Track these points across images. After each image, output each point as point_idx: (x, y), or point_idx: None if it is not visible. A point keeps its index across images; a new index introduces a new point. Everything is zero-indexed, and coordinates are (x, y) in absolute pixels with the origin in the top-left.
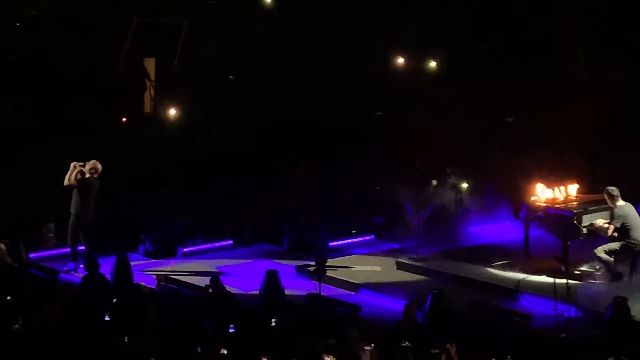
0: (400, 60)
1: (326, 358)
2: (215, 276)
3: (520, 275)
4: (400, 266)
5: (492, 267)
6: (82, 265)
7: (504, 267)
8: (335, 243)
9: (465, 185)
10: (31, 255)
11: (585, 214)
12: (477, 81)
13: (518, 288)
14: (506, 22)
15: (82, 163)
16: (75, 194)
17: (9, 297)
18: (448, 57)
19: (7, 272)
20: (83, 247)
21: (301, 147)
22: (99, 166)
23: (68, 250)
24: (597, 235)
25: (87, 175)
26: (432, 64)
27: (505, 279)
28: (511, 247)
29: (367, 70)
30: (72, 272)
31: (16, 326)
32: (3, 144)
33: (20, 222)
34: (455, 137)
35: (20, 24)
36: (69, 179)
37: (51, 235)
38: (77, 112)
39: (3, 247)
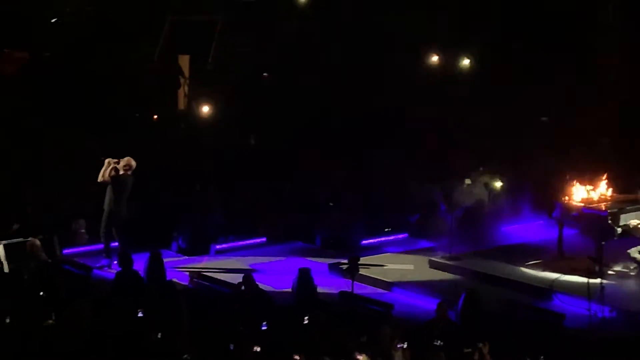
0: (435, 58)
1: (358, 356)
2: (248, 274)
3: (554, 275)
4: (433, 265)
5: (526, 266)
6: (115, 262)
7: (537, 267)
8: (368, 241)
9: (498, 184)
10: (65, 251)
11: (622, 213)
12: (511, 80)
13: (551, 288)
14: (541, 21)
15: (117, 160)
16: (109, 191)
17: (42, 293)
18: (482, 55)
19: (41, 268)
20: (116, 244)
21: (335, 145)
22: (133, 163)
23: (101, 246)
24: (630, 236)
25: (121, 172)
26: (466, 62)
27: (538, 279)
28: (544, 247)
29: (401, 68)
30: (106, 268)
31: (49, 322)
32: (38, 140)
33: (54, 218)
34: (489, 135)
35: (55, 21)
36: (102, 176)
37: (82, 231)
38: (112, 109)
39: (38, 242)
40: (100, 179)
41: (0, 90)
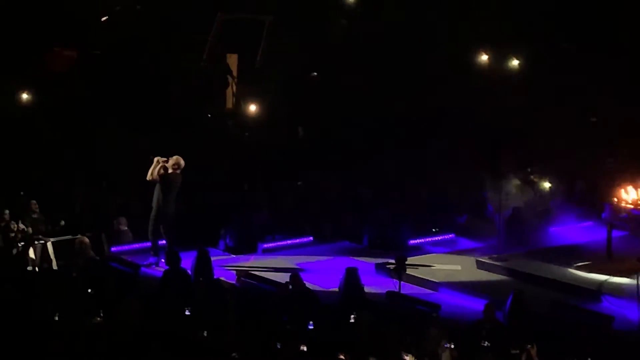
0: (484, 58)
1: (405, 357)
2: (295, 272)
3: (603, 277)
4: (480, 265)
5: (574, 267)
6: (163, 260)
7: (585, 268)
8: (415, 241)
9: (546, 185)
10: (113, 249)
11: None
12: (561, 80)
13: (600, 289)
14: (592, 20)
15: (165, 158)
16: (157, 189)
17: (90, 290)
18: (532, 55)
19: (89, 265)
20: (164, 242)
21: (382, 144)
22: (182, 162)
23: (149, 244)
24: None
25: (170, 171)
26: (515, 62)
27: (587, 280)
28: (593, 248)
29: (450, 68)
30: (153, 266)
31: (98, 319)
32: (88, 138)
33: (102, 216)
34: (538, 136)
35: (105, 19)
36: (151, 174)
37: (125, 228)
38: (160, 107)
39: (86, 240)
40: (149, 177)
41: (51, 88)
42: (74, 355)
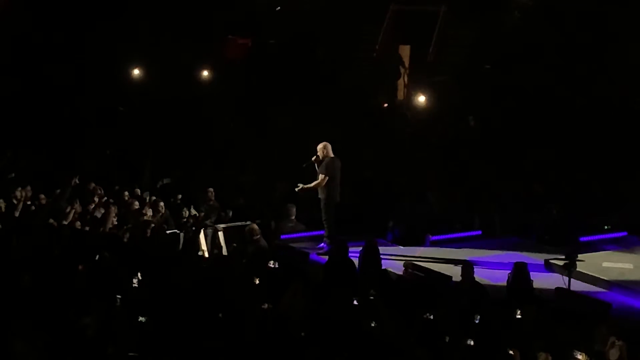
0: None
1: (578, 356)
2: (466, 265)
3: None
4: None
5: None
6: (330, 249)
7: None
8: (586, 238)
9: None
10: (282, 236)
11: None
12: None
13: None
14: None
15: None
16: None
17: (259, 277)
18: None
19: (259, 253)
20: (332, 230)
21: (551, 139)
22: (329, 145)
23: (315, 233)
24: None
25: (321, 157)
26: None
27: None
28: None
29: (630, 60)
30: (321, 254)
31: (265, 306)
32: (259, 126)
33: (271, 204)
34: None
35: (280, 9)
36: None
37: (292, 217)
38: (331, 98)
39: (256, 227)
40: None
41: (225, 76)
42: (243, 341)
